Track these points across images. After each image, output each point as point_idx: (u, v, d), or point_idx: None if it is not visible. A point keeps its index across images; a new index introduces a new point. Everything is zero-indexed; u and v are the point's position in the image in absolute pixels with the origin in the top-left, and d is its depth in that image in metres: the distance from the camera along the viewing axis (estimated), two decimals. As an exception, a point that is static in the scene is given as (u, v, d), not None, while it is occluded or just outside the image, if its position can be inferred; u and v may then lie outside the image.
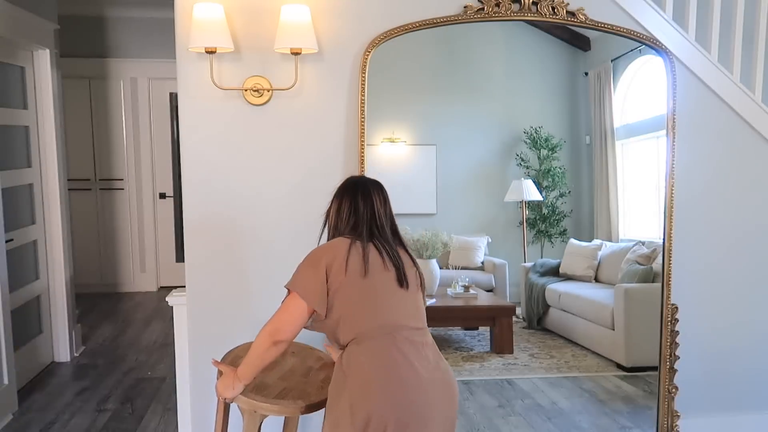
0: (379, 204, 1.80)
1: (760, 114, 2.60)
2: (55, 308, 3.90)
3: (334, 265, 1.69)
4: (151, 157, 5.72)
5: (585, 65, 2.93)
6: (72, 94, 5.24)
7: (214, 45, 2.16)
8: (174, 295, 2.45)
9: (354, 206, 1.79)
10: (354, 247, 1.71)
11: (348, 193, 1.82)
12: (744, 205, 2.65)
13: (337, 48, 2.33)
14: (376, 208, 1.79)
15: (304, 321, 1.70)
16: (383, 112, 2.54)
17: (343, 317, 1.69)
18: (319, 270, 1.69)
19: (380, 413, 1.57)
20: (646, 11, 2.46)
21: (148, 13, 5.31)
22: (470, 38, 2.71)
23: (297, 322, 1.68)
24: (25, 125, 3.63)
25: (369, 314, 1.68)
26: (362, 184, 1.86)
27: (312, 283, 1.68)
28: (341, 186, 1.87)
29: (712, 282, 2.65)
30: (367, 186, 1.85)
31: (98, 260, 5.73)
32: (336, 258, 1.70)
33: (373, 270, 1.69)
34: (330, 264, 1.69)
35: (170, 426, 2.97)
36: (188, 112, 2.32)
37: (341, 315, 1.69)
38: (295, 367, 2.00)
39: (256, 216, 2.38)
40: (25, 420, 3.09)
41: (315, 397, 1.79)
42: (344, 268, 1.67)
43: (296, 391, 1.82)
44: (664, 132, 2.50)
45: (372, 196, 1.81)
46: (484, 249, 3.20)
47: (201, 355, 2.39)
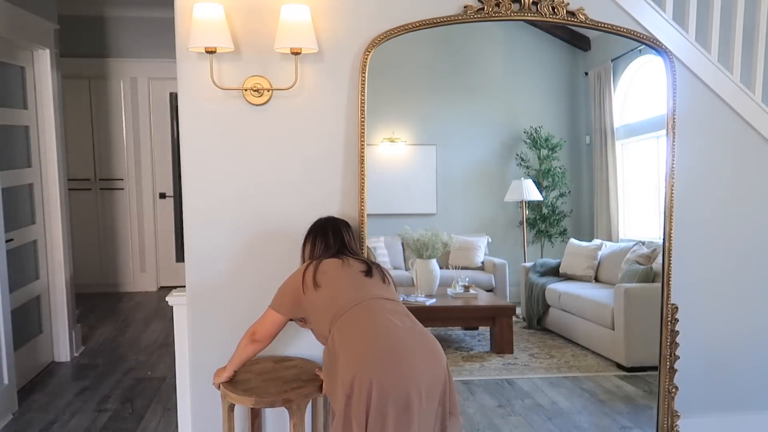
0: (348, 237, 2.14)
1: (760, 114, 2.60)
2: (55, 308, 3.90)
3: (302, 283, 2.01)
4: (151, 156, 5.72)
5: (585, 65, 2.93)
6: (72, 94, 5.24)
7: (214, 45, 2.16)
8: (174, 295, 2.45)
9: (325, 243, 2.11)
10: (313, 263, 2.04)
11: (320, 232, 2.14)
12: (744, 205, 2.65)
13: (337, 48, 2.33)
14: (346, 241, 2.12)
15: (278, 327, 2.08)
16: (383, 111, 2.54)
17: (318, 313, 1.98)
18: (287, 290, 2.06)
19: (363, 369, 1.75)
20: (646, 11, 2.46)
21: (148, 13, 5.31)
22: (470, 38, 2.71)
23: (270, 327, 2.07)
24: (25, 125, 3.63)
25: (338, 298, 1.94)
26: (332, 223, 2.16)
27: (282, 297, 2.07)
28: (312, 226, 2.17)
29: (712, 282, 2.65)
30: (337, 224, 2.16)
31: (98, 260, 5.72)
32: (300, 277, 2.03)
33: (330, 268, 2.01)
34: (297, 285, 2.02)
35: (170, 426, 2.97)
36: (188, 112, 2.32)
37: (316, 314, 1.99)
38: (286, 376, 2.23)
39: (257, 215, 2.38)
40: (25, 420, 3.09)
41: (268, 396, 2.07)
42: (303, 283, 2.01)
43: (259, 389, 2.10)
44: (664, 132, 2.50)
45: (342, 232, 2.13)
46: (484, 249, 3.20)
47: (201, 355, 2.39)
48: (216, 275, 2.39)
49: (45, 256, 3.82)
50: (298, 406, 2.08)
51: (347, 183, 2.39)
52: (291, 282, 2.07)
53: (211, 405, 2.38)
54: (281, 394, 2.07)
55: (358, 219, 2.37)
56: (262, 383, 2.16)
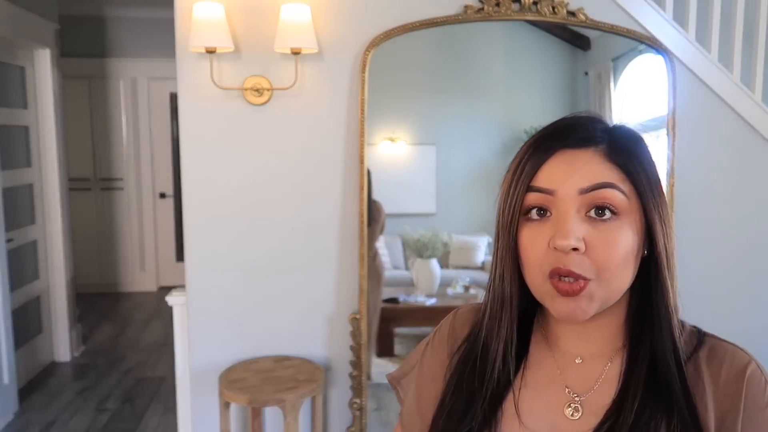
0: None
1: (760, 114, 2.60)
2: (55, 308, 3.90)
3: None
4: (151, 156, 5.72)
5: (585, 65, 2.93)
6: (72, 94, 5.24)
7: (214, 45, 2.16)
8: (174, 295, 2.45)
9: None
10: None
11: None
12: (744, 205, 2.65)
13: (337, 48, 2.33)
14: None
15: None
16: (383, 111, 2.53)
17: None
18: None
19: None
20: (646, 11, 2.46)
21: (148, 13, 5.31)
22: (470, 38, 2.71)
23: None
24: (25, 125, 3.63)
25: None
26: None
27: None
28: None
29: (712, 282, 2.65)
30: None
31: (98, 260, 5.72)
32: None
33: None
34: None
35: (170, 426, 2.97)
36: (188, 111, 2.32)
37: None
38: (283, 375, 2.23)
39: (256, 216, 2.38)
40: (25, 420, 3.09)
41: (263, 395, 2.08)
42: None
43: (255, 388, 2.11)
44: (664, 132, 2.49)
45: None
46: (484, 249, 3.19)
47: (201, 355, 2.40)
48: (216, 275, 2.39)
49: (45, 256, 3.82)
50: (293, 405, 2.08)
51: (347, 183, 2.39)
52: None
53: (210, 405, 2.38)
54: (275, 394, 2.08)
55: (359, 219, 2.37)
56: (259, 382, 2.16)
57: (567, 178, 0.69)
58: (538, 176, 0.70)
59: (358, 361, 2.41)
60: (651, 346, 0.71)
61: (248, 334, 2.41)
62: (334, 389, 2.48)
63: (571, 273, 0.67)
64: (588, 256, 0.67)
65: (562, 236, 0.67)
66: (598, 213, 0.68)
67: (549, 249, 0.68)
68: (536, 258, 0.69)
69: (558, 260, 0.67)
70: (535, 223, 0.70)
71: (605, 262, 0.67)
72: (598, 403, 0.72)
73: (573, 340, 0.76)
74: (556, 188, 0.69)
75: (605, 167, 0.69)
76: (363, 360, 2.41)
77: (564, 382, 0.75)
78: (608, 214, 0.68)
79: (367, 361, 2.45)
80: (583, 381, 0.74)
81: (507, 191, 0.72)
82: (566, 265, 0.67)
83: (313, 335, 2.44)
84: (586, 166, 0.69)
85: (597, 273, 0.67)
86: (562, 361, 0.76)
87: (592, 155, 0.70)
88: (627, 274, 0.70)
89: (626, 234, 0.69)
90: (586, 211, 0.68)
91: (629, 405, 0.69)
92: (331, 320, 2.44)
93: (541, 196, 0.70)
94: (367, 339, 2.44)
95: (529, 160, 0.71)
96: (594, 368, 0.74)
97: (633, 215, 0.70)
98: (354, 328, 2.40)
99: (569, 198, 0.68)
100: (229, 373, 2.24)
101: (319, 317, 2.44)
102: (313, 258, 2.41)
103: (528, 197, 0.70)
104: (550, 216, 0.69)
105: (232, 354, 2.38)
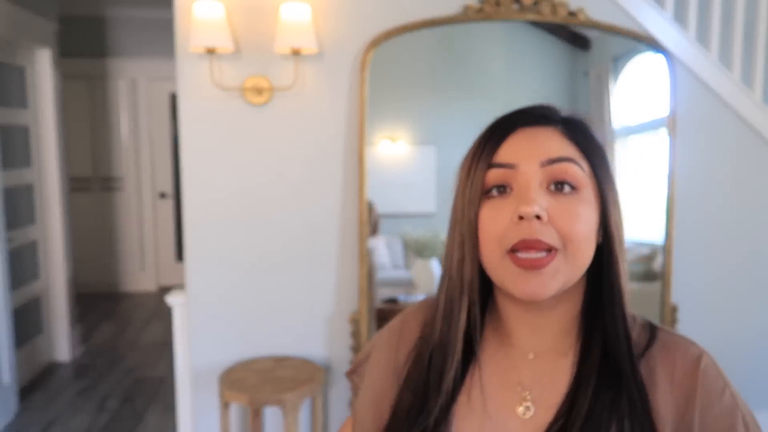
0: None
1: (760, 114, 2.60)
2: (55, 308, 3.90)
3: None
4: (151, 156, 5.72)
5: (585, 65, 2.92)
6: (72, 94, 5.24)
7: (214, 45, 2.16)
8: (174, 294, 2.45)
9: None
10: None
11: None
12: (744, 204, 2.65)
13: (337, 48, 2.33)
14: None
15: None
16: (383, 111, 2.53)
17: None
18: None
19: None
20: (646, 11, 2.46)
21: (148, 13, 5.31)
22: (470, 38, 2.71)
23: None
24: (25, 125, 3.63)
25: None
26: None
27: None
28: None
29: (712, 282, 2.65)
30: None
31: (98, 260, 5.72)
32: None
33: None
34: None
35: (170, 426, 2.97)
36: (188, 112, 2.32)
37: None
38: (283, 375, 2.23)
39: (256, 216, 2.38)
40: (25, 420, 3.09)
41: (263, 395, 2.09)
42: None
43: (254, 388, 2.11)
44: (664, 132, 2.50)
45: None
46: (484, 249, 3.19)
47: (201, 355, 2.40)
48: (216, 275, 2.39)
49: (45, 256, 3.82)
50: (293, 405, 2.08)
51: (347, 182, 2.39)
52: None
53: (210, 405, 2.38)
54: (275, 394, 2.08)
55: (359, 219, 2.37)
56: (259, 382, 2.16)
57: (528, 152, 0.69)
58: (499, 153, 0.71)
59: (358, 361, 2.41)
60: (603, 339, 0.70)
61: (248, 334, 2.41)
62: (334, 389, 2.48)
63: (539, 242, 0.66)
64: (552, 226, 0.67)
65: (526, 203, 0.66)
66: (558, 187, 0.68)
67: (511, 223, 0.67)
68: (496, 233, 0.68)
69: (523, 231, 0.66)
70: (496, 200, 0.70)
71: (570, 233, 0.67)
72: (550, 400, 0.70)
73: (526, 336, 0.74)
74: (517, 162, 0.69)
75: (564, 143, 0.71)
76: (363, 360, 2.41)
77: (517, 379, 0.73)
78: (568, 189, 0.68)
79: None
80: (536, 377, 0.73)
81: (467, 172, 0.72)
82: (532, 235, 0.66)
83: (313, 335, 2.44)
84: (546, 142, 0.70)
85: (563, 243, 0.67)
86: (514, 356, 0.75)
87: (551, 132, 0.71)
88: (589, 250, 0.69)
89: (587, 208, 0.69)
90: (547, 185, 0.69)
91: (582, 401, 0.68)
92: (331, 320, 2.44)
93: (502, 172, 0.70)
94: (367, 338, 2.44)
95: (489, 140, 0.72)
96: (547, 364, 0.73)
97: (590, 191, 0.70)
98: (354, 328, 2.40)
99: (531, 171, 0.68)
100: (229, 373, 2.24)
101: (319, 317, 2.44)
102: (313, 258, 2.41)
103: (489, 174, 0.70)
104: (511, 192, 0.69)
105: (232, 354, 2.39)
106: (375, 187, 2.44)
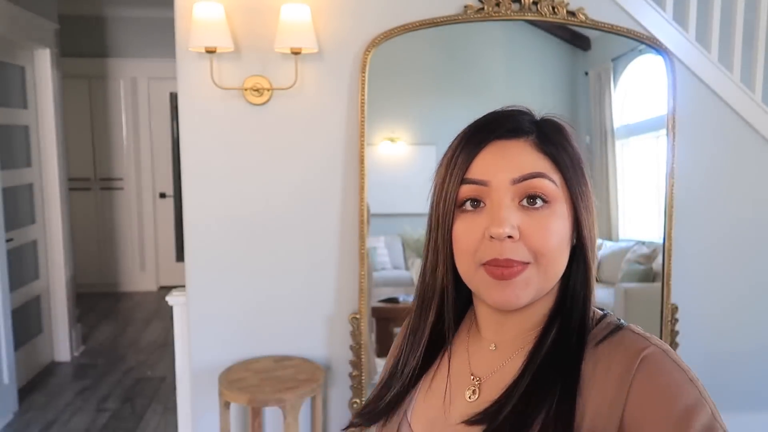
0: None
1: (760, 114, 2.60)
2: (55, 308, 3.90)
3: None
4: (151, 156, 5.72)
5: (585, 65, 2.92)
6: (72, 94, 5.24)
7: (214, 45, 2.16)
8: (174, 294, 2.45)
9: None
10: None
11: None
12: (744, 204, 2.65)
13: (337, 48, 2.33)
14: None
15: None
16: (383, 111, 2.53)
17: None
18: None
19: None
20: (646, 11, 2.46)
21: (148, 12, 5.31)
22: (470, 38, 2.71)
23: None
24: (25, 125, 3.63)
25: None
26: None
27: None
28: None
29: (712, 282, 2.65)
30: None
31: (98, 260, 5.72)
32: None
33: None
34: None
35: (170, 426, 2.97)
36: (188, 111, 2.32)
37: None
38: (283, 375, 2.23)
39: (256, 215, 2.38)
40: (25, 420, 3.09)
41: (263, 395, 2.08)
42: None
43: (254, 388, 2.11)
44: (664, 132, 2.49)
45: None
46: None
47: (201, 355, 2.40)
48: (216, 275, 2.39)
49: (45, 256, 3.82)
50: (292, 405, 2.08)
51: (347, 183, 2.39)
52: None
53: (210, 405, 2.38)
54: (275, 394, 2.07)
55: (359, 219, 2.37)
56: (259, 382, 2.16)
57: (499, 169, 0.70)
58: (472, 168, 0.71)
59: (358, 361, 2.41)
60: (558, 331, 0.72)
61: (248, 334, 2.41)
62: (334, 389, 2.48)
63: (509, 261, 0.68)
64: (524, 243, 0.68)
65: (497, 224, 0.68)
66: (530, 202, 0.69)
67: (484, 239, 0.69)
68: (470, 247, 0.70)
69: (494, 250, 0.68)
70: (470, 214, 0.71)
71: (541, 248, 0.68)
72: (497, 386, 0.73)
73: (492, 330, 0.77)
74: (489, 179, 0.70)
75: (535, 157, 0.71)
76: (363, 360, 2.41)
77: (474, 368, 0.77)
78: (540, 203, 0.69)
79: (368, 361, 2.45)
80: (491, 367, 0.76)
81: (441, 185, 0.74)
82: (503, 254, 0.68)
83: (313, 335, 2.44)
84: (518, 157, 0.71)
85: (535, 258, 0.69)
86: (475, 347, 0.79)
87: (522, 146, 0.72)
88: (562, 260, 0.71)
89: (558, 221, 0.70)
90: (519, 200, 0.70)
91: (518, 389, 0.70)
92: (331, 320, 2.44)
93: (474, 188, 0.71)
94: (368, 339, 2.44)
95: (461, 153, 0.73)
96: (504, 355, 0.76)
97: (562, 203, 0.71)
98: (354, 328, 2.40)
99: (502, 188, 0.70)
100: (229, 373, 2.24)
101: (319, 317, 2.44)
102: (313, 258, 2.41)
103: (462, 189, 0.71)
104: (484, 206, 0.71)
105: (232, 354, 2.38)
106: (375, 187, 2.43)
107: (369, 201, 2.40)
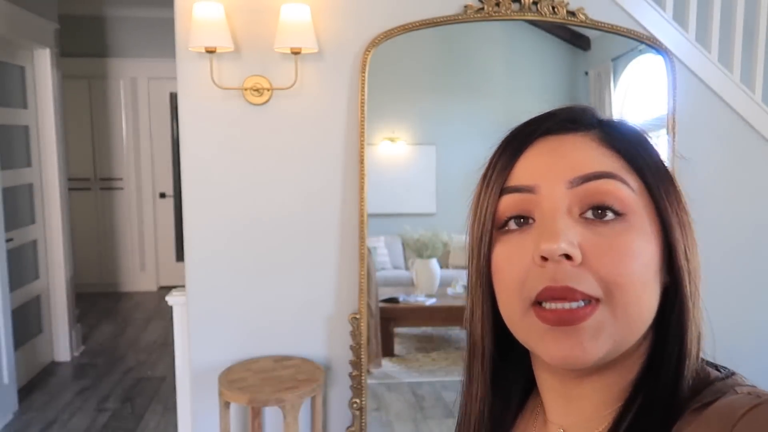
0: None
1: (760, 114, 2.60)
2: (55, 308, 3.90)
3: None
4: (151, 156, 5.72)
5: (585, 64, 2.93)
6: (72, 94, 5.24)
7: (214, 44, 2.16)
8: (174, 294, 2.45)
9: None
10: None
11: None
12: (744, 204, 2.65)
13: (337, 47, 2.33)
14: None
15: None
16: (383, 111, 2.53)
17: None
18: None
19: None
20: (646, 11, 2.46)
21: (148, 12, 5.31)
22: (470, 38, 2.71)
23: None
24: (25, 125, 3.63)
25: None
26: None
27: None
28: None
29: (712, 282, 2.64)
30: None
31: (98, 260, 5.72)
32: None
33: None
34: None
35: (170, 426, 2.97)
36: (188, 111, 2.32)
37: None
38: (283, 375, 2.22)
39: (256, 215, 2.38)
40: (25, 420, 3.09)
41: (263, 395, 2.07)
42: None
43: (254, 388, 2.11)
44: (664, 132, 2.49)
45: None
46: (484, 249, 3.18)
47: (201, 355, 2.40)
48: (216, 275, 2.39)
49: (45, 256, 3.82)
50: (292, 405, 2.08)
51: (347, 182, 2.39)
52: None
53: (210, 405, 2.38)
54: (275, 394, 2.08)
55: (359, 219, 2.37)
56: (259, 382, 2.16)
57: (550, 168, 0.52)
58: (514, 173, 0.54)
59: (358, 361, 2.41)
60: (642, 407, 0.52)
61: (248, 334, 2.41)
62: (334, 389, 2.48)
63: (570, 291, 0.48)
64: (589, 269, 0.49)
65: (548, 238, 0.49)
66: (596, 213, 0.50)
67: (533, 265, 0.50)
68: (515, 279, 0.51)
69: (547, 276, 0.49)
70: (514, 235, 0.53)
71: (616, 277, 0.49)
72: None
73: (558, 408, 0.57)
74: (537, 183, 0.52)
75: (601, 152, 0.52)
76: (363, 360, 2.41)
77: None
78: (611, 215, 0.50)
79: (367, 361, 2.45)
80: None
81: (477, 200, 0.57)
82: (560, 281, 0.48)
83: (313, 335, 2.44)
84: (576, 152, 0.52)
85: (607, 291, 0.49)
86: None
87: (583, 140, 0.53)
88: (647, 298, 0.51)
89: (639, 240, 0.50)
90: (581, 212, 0.51)
91: None
92: (331, 320, 2.44)
93: (519, 198, 0.53)
94: (367, 339, 2.44)
95: (501, 157, 0.55)
96: None
97: (643, 217, 0.51)
98: (354, 327, 2.40)
99: (556, 194, 0.51)
100: (229, 373, 2.24)
101: (319, 317, 2.44)
102: (312, 258, 2.41)
103: (503, 202, 0.54)
104: (533, 223, 0.52)
105: (232, 354, 2.38)
106: (375, 187, 2.43)
107: (369, 201, 2.41)
